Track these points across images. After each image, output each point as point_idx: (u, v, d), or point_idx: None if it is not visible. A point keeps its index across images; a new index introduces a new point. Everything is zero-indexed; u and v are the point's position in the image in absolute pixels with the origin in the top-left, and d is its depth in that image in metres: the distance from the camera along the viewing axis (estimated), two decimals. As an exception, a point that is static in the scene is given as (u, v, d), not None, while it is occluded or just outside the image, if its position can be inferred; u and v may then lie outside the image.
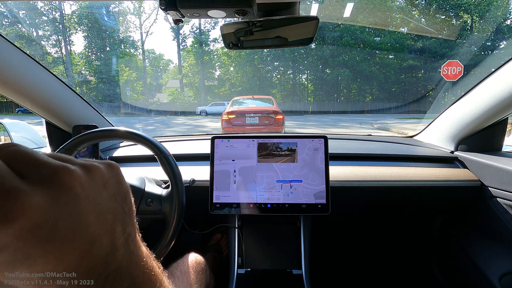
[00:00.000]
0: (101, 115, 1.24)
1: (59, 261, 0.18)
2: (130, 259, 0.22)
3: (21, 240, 0.16)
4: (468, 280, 1.03)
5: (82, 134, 0.68)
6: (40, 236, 0.16)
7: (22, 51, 0.84)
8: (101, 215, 0.20)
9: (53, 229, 0.17)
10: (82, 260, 0.19)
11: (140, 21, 29.34)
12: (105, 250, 0.20)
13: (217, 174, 0.89)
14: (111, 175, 0.22)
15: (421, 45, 22.00)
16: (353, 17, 22.27)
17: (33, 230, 0.16)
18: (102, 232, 0.20)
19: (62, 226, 0.17)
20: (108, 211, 0.21)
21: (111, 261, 0.20)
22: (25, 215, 0.16)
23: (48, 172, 0.18)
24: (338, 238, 1.50)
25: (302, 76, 27.84)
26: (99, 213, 0.20)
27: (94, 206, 0.20)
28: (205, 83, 28.00)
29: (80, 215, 0.18)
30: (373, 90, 25.00)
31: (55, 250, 0.17)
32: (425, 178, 0.99)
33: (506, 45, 20.11)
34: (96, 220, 0.20)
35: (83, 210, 0.19)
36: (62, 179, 0.18)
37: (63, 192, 0.18)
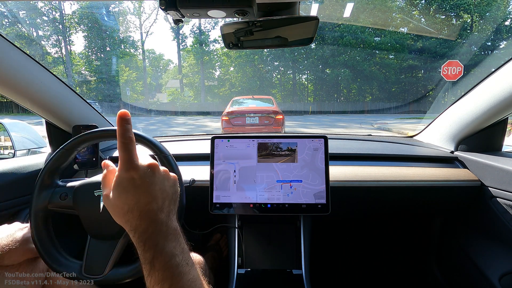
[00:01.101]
0: (101, 115, 1.24)
1: (139, 197, 0.41)
2: (167, 219, 0.43)
3: (134, 179, 0.41)
4: (468, 280, 1.03)
5: (82, 134, 0.68)
6: (138, 183, 0.41)
7: (22, 51, 0.84)
8: (161, 189, 0.44)
9: (144, 182, 0.42)
10: (150, 203, 0.42)
11: (140, 21, 29.38)
12: (155, 208, 0.42)
13: (217, 174, 0.89)
14: (173, 180, 0.48)
15: (421, 45, 22.01)
16: (353, 17, 22.27)
17: (139, 179, 0.42)
18: (159, 196, 0.43)
19: (148, 183, 0.42)
20: (164, 191, 0.44)
21: (158, 215, 0.42)
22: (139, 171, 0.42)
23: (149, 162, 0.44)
24: (338, 238, 1.50)
25: (302, 76, 27.87)
26: (161, 188, 0.44)
27: (161, 185, 0.44)
28: (205, 83, 28.01)
29: (151, 185, 0.43)
30: (373, 90, 25.01)
31: (146, 190, 0.42)
32: (425, 178, 0.99)
33: (506, 45, 20.11)
34: (158, 190, 0.43)
35: (152, 183, 0.43)
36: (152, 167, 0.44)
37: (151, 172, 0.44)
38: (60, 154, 0.67)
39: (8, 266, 0.58)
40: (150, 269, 0.39)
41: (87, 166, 1.04)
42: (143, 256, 0.39)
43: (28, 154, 1.46)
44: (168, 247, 0.40)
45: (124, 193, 0.41)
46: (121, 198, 0.41)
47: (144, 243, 0.40)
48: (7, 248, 0.57)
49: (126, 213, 0.41)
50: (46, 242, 0.62)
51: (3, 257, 0.56)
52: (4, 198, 0.84)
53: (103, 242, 0.63)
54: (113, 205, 0.42)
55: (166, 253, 0.39)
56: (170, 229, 0.42)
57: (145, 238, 0.40)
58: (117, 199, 0.41)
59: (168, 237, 0.41)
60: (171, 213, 0.44)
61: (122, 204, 0.41)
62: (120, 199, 0.41)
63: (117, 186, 0.42)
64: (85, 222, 0.64)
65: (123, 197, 0.41)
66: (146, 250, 0.39)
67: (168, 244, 0.40)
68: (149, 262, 0.39)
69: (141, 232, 0.40)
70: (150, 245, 0.39)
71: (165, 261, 0.39)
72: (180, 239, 0.43)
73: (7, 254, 0.57)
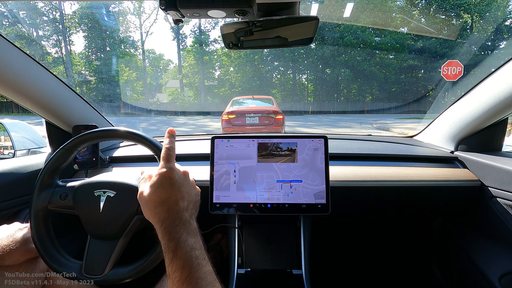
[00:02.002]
0: (101, 115, 1.24)
1: (171, 193, 0.49)
2: (190, 219, 0.49)
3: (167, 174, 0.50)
4: (468, 280, 1.03)
5: (82, 134, 0.68)
6: (173, 182, 0.50)
7: (22, 51, 0.84)
8: (188, 193, 0.52)
9: (177, 183, 0.51)
10: (178, 201, 0.49)
11: (140, 21, 29.38)
12: (182, 206, 0.49)
13: (217, 174, 0.89)
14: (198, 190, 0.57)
15: (421, 45, 22.00)
16: (353, 17, 22.26)
17: (175, 179, 0.50)
18: (186, 198, 0.50)
19: (180, 184, 0.51)
20: (191, 195, 0.52)
21: (183, 212, 0.48)
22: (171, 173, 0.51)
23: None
24: (338, 238, 1.50)
25: (302, 76, 27.85)
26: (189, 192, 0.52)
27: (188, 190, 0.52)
28: (205, 83, 28.00)
29: (182, 187, 0.51)
30: (373, 90, 25.00)
31: (178, 189, 0.50)
32: (425, 178, 0.99)
33: (506, 45, 20.10)
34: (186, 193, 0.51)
35: (182, 185, 0.51)
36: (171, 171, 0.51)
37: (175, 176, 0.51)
38: (60, 154, 0.67)
39: (8, 266, 0.58)
40: (172, 257, 0.44)
41: (87, 166, 1.04)
42: (167, 245, 0.44)
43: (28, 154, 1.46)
44: (190, 241, 0.45)
45: (160, 188, 0.48)
46: (156, 193, 0.48)
47: (169, 234, 0.45)
48: (8, 249, 0.57)
49: (157, 206, 0.47)
50: (46, 242, 0.62)
51: (4, 258, 0.56)
52: (4, 198, 0.84)
53: (103, 242, 0.63)
54: (147, 199, 0.48)
55: (188, 245, 0.45)
56: (192, 226, 0.48)
57: (171, 230, 0.45)
58: (152, 193, 0.48)
59: (190, 233, 0.47)
60: (194, 215, 0.51)
61: (156, 197, 0.47)
62: (155, 193, 0.48)
63: (155, 182, 0.49)
64: (85, 222, 0.64)
65: (158, 192, 0.48)
66: (171, 240, 0.44)
67: (189, 238, 0.46)
68: (173, 250, 0.44)
69: (168, 224, 0.46)
70: (174, 236, 0.45)
71: (186, 251, 0.44)
72: (199, 237, 0.48)
73: (7, 255, 0.57)
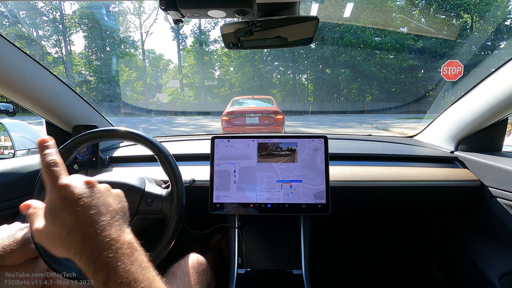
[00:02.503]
0: (101, 115, 1.24)
1: (78, 215, 0.36)
2: (120, 233, 0.38)
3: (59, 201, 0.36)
4: (468, 280, 1.03)
5: (82, 134, 0.68)
6: (75, 200, 0.36)
7: (22, 51, 0.84)
8: (105, 204, 0.39)
9: (82, 199, 0.37)
10: (93, 220, 0.36)
11: (140, 21, 29.37)
12: (102, 222, 0.37)
13: (217, 174, 0.89)
14: (116, 195, 0.44)
15: (421, 45, 21.99)
16: (353, 17, 22.26)
17: (75, 195, 0.37)
18: (104, 212, 0.38)
19: (87, 200, 0.38)
20: (109, 206, 0.40)
21: (107, 229, 0.37)
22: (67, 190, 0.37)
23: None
24: (338, 238, 1.50)
25: (302, 76, 27.85)
26: (105, 203, 0.40)
27: (103, 201, 0.40)
28: (205, 83, 28.00)
29: (92, 200, 0.39)
30: (373, 90, 25.00)
31: (86, 207, 0.37)
32: (425, 178, 0.99)
33: (506, 45, 20.10)
34: (102, 205, 0.39)
35: (92, 197, 0.39)
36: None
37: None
38: (60, 154, 0.67)
39: (8, 266, 0.58)
40: None
41: (87, 166, 1.04)
42: (95, 279, 0.34)
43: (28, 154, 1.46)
44: (122, 265, 0.35)
45: (59, 216, 0.36)
46: (56, 222, 0.36)
47: (94, 264, 0.35)
48: (9, 249, 0.57)
49: (66, 237, 0.35)
50: None
51: (4, 258, 0.56)
52: (4, 198, 0.84)
53: None
54: (48, 234, 0.36)
55: (120, 271, 0.35)
56: (124, 244, 0.37)
57: (94, 259, 0.35)
58: (51, 225, 0.36)
59: (122, 254, 0.36)
60: (123, 225, 0.40)
61: (60, 229, 0.35)
62: (55, 223, 0.36)
63: (49, 211, 0.36)
64: None
65: (58, 220, 0.36)
66: (97, 271, 0.34)
67: (122, 261, 0.36)
68: (103, 283, 0.34)
69: (88, 252, 0.35)
70: (102, 265, 0.35)
71: (120, 281, 0.34)
72: (136, 253, 0.38)
73: (8, 255, 0.57)
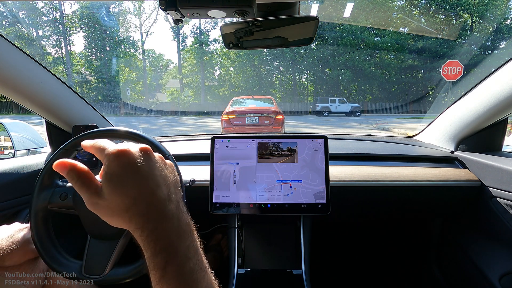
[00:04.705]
0: (101, 115, 1.24)
1: (141, 185, 0.33)
2: (178, 212, 0.35)
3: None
4: (468, 280, 1.03)
5: (82, 134, 0.68)
6: (136, 169, 0.34)
7: (22, 51, 0.84)
8: (162, 176, 0.36)
9: (142, 167, 0.35)
10: (155, 191, 0.34)
11: (140, 21, 29.35)
12: (162, 197, 0.34)
13: (217, 174, 0.89)
14: (171, 166, 0.40)
15: (421, 45, 21.99)
16: (353, 17, 22.26)
17: (135, 164, 0.34)
18: (162, 184, 0.35)
19: (146, 168, 0.35)
20: (167, 178, 0.36)
21: (167, 205, 0.34)
22: None
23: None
24: (338, 238, 1.50)
25: (302, 76, 27.85)
26: (162, 174, 0.36)
27: (161, 171, 0.36)
28: (205, 83, 28.00)
29: (151, 169, 0.36)
30: (373, 90, 25.00)
31: (146, 176, 0.34)
32: (425, 178, 0.99)
33: (506, 45, 20.10)
34: (160, 176, 0.35)
35: (151, 167, 0.36)
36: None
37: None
38: (60, 154, 0.67)
39: (8, 266, 0.58)
40: (162, 275, 0.31)
41: (87, 166, 1.03)
42: (153, 260, 0.32)
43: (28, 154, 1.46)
44: (182, 247, 0.33)
45: (122, 184, 0.33)
46: (117, 192, 0.33)
47: (154, 244, 0.32)
48: (8, 250, 0.57)
49: (129, 209, 0.32)
50: (46, 242, 0.62)
51: (4, 259, 0.56)
52: (4, 198, 0.84)
53: (103, 242, 0.63)
54: (108, 205, 0.33)
55: (180, 255, 0.32)
56: (183, 223, 0.35)
57: (155, 238, 0.32)
58: (112, 194, 0.33)
59: (182, 235, 0.34)
60: (180, 203, 0.37)
61: (121, 199, 0.32)
62: (116, 193, 0.33)
63: (109, 179, 0.33)
64: (85, 222, 0.64)
65: (119, 190, 0.33)
66: (157, 253, 0.31)
67: (181, 244, 0.33)
68: (161, 267, 0.31)
69: (150, 230, 0.32)
70: (162, 246, 0.32)
71: (179, 265, 0.32)
72: (194, 236, 0.35)
73: (8, 256, 0.57)
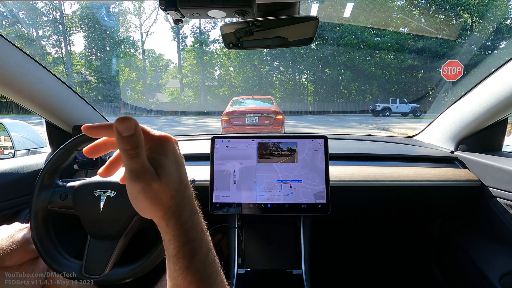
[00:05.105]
0: (101, 115, 1.24)
1: (182, 172, 0.35)
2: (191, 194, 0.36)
3: None
4: (468, 280, 1.03)
5: (82, 134, 0.68)
6: (178, 154, 0.35)
7: (22, 51, 0.84)
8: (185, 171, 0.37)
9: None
10: (186, 186, 0.35)
11: (140, 21, 29.35)
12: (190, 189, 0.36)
13: (217, 174, 0.89)
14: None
15: (421, 45, 22.00)
16: (353, 17, 22.26)
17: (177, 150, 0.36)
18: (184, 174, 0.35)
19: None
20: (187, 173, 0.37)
21: (188, 189, 0.35)
22: None
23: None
24: (338, 238, 1.50)
25: (302, 76, 27.85)
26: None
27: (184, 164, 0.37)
28: (205, 83, 27.99)
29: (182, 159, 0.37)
30: (373, 90, 25.00)
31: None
32: (425, 178, 0.99)
33: (506, 45, 20.10)
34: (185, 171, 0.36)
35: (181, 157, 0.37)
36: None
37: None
38: (60, 154, 0.67)
39: (8, 266, 0.58)
40: (188, 264, 0.32)
41: (87, 166, 1.04)
42: (182, 249, 0.32)
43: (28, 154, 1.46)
44: (205, 240, 0.34)
45: (169, 171, 0.32)
46: (168, 178, 0.32)
47: (186, 234, 0.32)
48: (8, 250, 0.57)
49: (173, 196, 0.32)
50: (46, 242, 0.62)
51: (4, 259, 0.56)
52: (4, 198, 0.84)
53: (103, 242, 0.63)
54: (159, 189, 0.31)
55: (204, 247, 0.34)
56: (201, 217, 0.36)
57: (188, 228, 0.33)
58: (164, 179, 0.31)
59: (204, 228, 0.35)
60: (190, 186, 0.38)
61: (171, 185, 0.32)
62: (167, 179, 0.32)
63: (160, 165, 0.32)
64: (85, 222, 0.64)
65: (169, 177, 0.32)
66: (187, 242, 0.32)
67: (204, 236, 0.34)
68: (190, 256, 0.32)
69: (185, 219, 0.32)
70: (192, 237, 0.32)
71: (203, 257, 0.33)
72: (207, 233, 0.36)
73: (8, 256, 0.57)
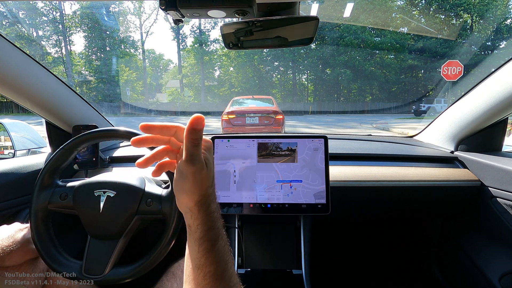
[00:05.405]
0: (101, 115, 1.24)
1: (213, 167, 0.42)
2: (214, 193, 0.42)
3: None
4: (468, 280, 1.03)
5: (82, 134, 0.68)
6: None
7: (22, 51, 0.84)
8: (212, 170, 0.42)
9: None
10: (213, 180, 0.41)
11: (140, 21, 29.36)
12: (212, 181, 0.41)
13: (217, 174, 0.89)
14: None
15: (421, 45, 21.99)
16: (353, 17, 22.25)
17: None
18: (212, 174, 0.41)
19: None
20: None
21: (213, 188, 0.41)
22: None
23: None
24: (338, 238, 1.50)
25: (302, 76, 27.85)
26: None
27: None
28: (205, 83, 27.99)
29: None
30: (373, 90, 25.00)
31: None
32: (425, 178, 0.99)
33: (506, 45, 20.10)
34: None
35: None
36: None
37: None
38: (60, 154, 0.67)
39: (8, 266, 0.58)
40: (211, 247, 0.38)
41: (87, 166, 1.04)
42: (207, 233, 0.38)
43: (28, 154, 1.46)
44: (224, 232, 0.41)
45: (209, 162, 0.40)
46: (209, 168, 0.40)
47: (213, 220, 0.39)
48: (8, 250, 0.57)
49: (212, 185, 0.40)
50: (46, 242, 0.62)
51: (4, 259, 0.56)
52: (4, 198, 0.84)
53: (103, 242, 0.63)
54: (205, 176, 0.39)
55: (224, 236, 0.41)
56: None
57: (216, 216, 0.40)
58: (209, 168, 0.40)
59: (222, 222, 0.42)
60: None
61: (211, 174, 0.40)
62: (210, 168, 0.40)
63: (213, 160, 0.42)
64: (85, 222, 0.64)
65: (210, 166, 0.40)
66: (213, 227, 0.39)
67: (223, 229, 0.41)
68: (213, 240, 0.38)
69: (215, 208, 0.40)
70: (217, 224, 0.40)
71: (224, 242, 0.40)
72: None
73: (8, 256, 0.57)
